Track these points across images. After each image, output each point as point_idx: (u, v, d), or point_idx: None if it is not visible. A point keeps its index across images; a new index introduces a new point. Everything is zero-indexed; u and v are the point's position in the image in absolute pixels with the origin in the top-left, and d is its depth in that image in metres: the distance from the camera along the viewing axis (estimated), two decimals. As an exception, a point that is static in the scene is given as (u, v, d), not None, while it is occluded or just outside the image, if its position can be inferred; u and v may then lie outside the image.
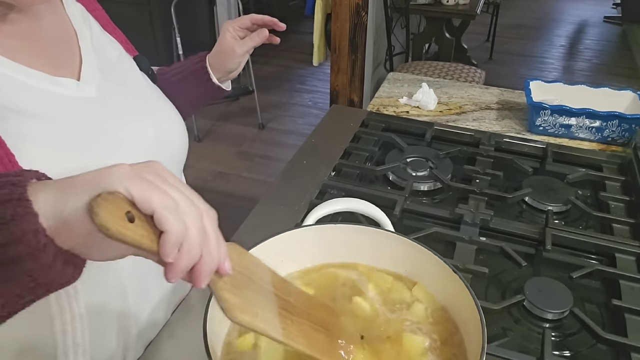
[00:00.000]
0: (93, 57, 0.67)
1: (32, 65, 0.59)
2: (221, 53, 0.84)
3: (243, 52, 0.83)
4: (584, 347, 0.68)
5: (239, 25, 0.83)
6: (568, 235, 0.83)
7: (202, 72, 0.85)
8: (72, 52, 0.66)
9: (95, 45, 0.69)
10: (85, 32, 0.68)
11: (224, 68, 0.85)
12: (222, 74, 0.86)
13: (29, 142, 0.54)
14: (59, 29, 0.66)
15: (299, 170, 1.01)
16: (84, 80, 0.64)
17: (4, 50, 0.57)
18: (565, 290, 0.72)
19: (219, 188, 2.68)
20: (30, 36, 0.60)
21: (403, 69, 2.79)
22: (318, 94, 3.73)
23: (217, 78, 0.86)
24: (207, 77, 0.85)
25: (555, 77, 4.09)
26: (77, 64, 0.65)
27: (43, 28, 0.63)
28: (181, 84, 0.87)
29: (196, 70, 0.86)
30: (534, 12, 5.61)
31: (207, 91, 0.88)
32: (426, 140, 1.12)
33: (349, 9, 2.25)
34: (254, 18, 0.83)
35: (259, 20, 0.83)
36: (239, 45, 0.82)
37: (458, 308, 0.56)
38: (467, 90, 1.38)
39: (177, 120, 0.76)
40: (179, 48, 3.01)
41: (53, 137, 0.56)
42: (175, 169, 0.76)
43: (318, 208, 0.75)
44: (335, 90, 2.46)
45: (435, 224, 0.86)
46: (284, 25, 0.84)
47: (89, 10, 0.73)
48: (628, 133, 1.11)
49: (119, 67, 0.71)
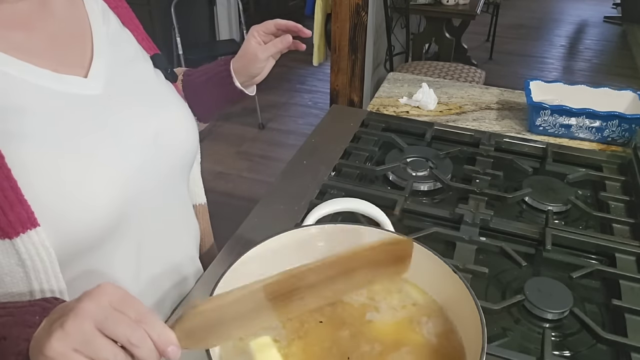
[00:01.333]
0: (105, 54, 0.67)
1: (37, 60, 0.59)
2: (244, 57, 0.84)
3: (265, 57, 0.83)
4: (584, 347, 0.68)
5: (263, 30, 0.83)
6: (568, 235, 0.83)
7: (226, 75, 0.86)
8: (84, 48, 0.66)
9: (111, 42, 0.69)
10: (101, 29, 0.68)
11: (247, 72, 0.85)
12: (246, 78, 0.86)
13: (24, 141, 0.54)
14: (72, 24, 0.66)
15: (299, 170, 1.01)
16: (91, 77, 0.64)
17: (8, 45, 0.57)
18: (565, 290, 0.72)
19: (219, 188, 2.68)
20: (39, 30, 0.61)
21: (403, 69, 2.79)
22: (318, 94, 3.73)
23: (241, 82, 0.86)
24: (230, 81, 0.85)
25: (555, 77, 4.09)
26: (87, 60, 0.65)
27: (55, 22, 0.63)
28: (205, 86, 0.88)
29: (220, 72, 0.86)
30: (534, 12, 5.61)
31: (229, 94, 0.87)
32: (426, 140, 1.12)
33: (349, 9, 2.25)
34: (279, 23, 0.83)
35: (283, 25, 0.82)
36: (262, 50, 0.82)
37: (458, 308, 0.56)
38: (467, 90, 1.38)
39: (186, 124, 0.75)
40: (179, 48, 3.01)
41: (48, 136, 0.56)
42: (178, 175, 0.75)
43: (318, 208, 0.75)
44: (335, 90, 2.46)
45: (435, 224, 0.86)
46: (309, 32, 0.84)
47: (111, 7, 0.73)
48: (628, 133, 1.11)
49: (132, 65, 0.71)
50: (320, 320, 0.57)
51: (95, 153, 0.60)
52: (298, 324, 0.56)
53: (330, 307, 0.58)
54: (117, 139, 0.63)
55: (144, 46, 0.76)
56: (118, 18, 0.73)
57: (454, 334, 0.55)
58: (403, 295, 0.60)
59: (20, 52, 0.58)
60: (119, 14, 0.74)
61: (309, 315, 0.57)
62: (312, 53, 3.02)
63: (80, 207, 0.56)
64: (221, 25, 3.71)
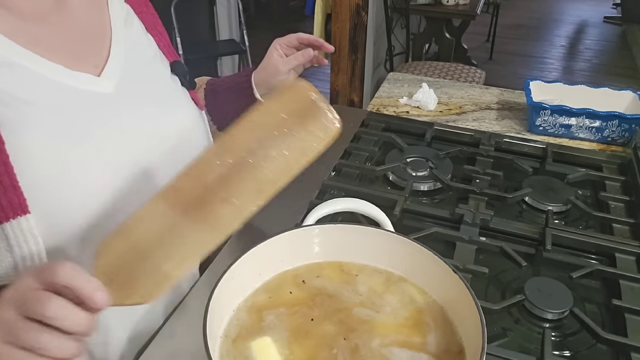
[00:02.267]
0: (122, 56, 0.67)
1: (52, 55, 0.59)
2: (266, 70, 0.85)
3: (287, 69, 0.83)
4: (584, 347, 0.68)
5: (286, 43, 0.84)
6: (568, 235, 0.83)
7: (247, 87, 0.86)
8: (101, 47, 0.66)
9: (129, 45, 0.69)
10: (122, 30, 0.69)
11: (268, 85, 0.85)
12: (267, 90, 0.86)
13: (28, 129, 0.55)
14: (92, 23, 0.67)
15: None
16: (104, 75, 0.64)
17: (25, 38, 0.58)
18: (565, 290, 0.72)
19: (219, 188, 2.67)
20: (56, 25, 0.62)
21: (403, 69, 2.79)
22: (318, 94, 3.72)
23: (261, 94, 0.86)
24: (251, 92, 0.86)
25: (555, 77, 4.09)
26: (103, 60, 0.65)
27: (73, 18, 0.64)
28: (226, 95, 0.89)
29: (241, 83, 0.87)
30: (534, 12, 5.61)
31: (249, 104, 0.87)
32: (426, 140, 1.12)
33: (349, 9, 2.25)
34: (301, 37, 0.84)
35: (305, 39, 0.83)
36: (283, 63, 0.83)
37: (458, 308, 0.56)
38: (467, 90, 1.38)
39: (196, 130, 0.75)
40: (179, 48, 3.02)
41: (54, 126, 0.57)
42: None
43: (318, 208, 0.75)
44: (335, 90, 2.46)
45: (435, 224, 0.86)
46: (331, 47, 0.85)
47: (136, 11, 0.74)
48: (628, 133, 1.11)
49: (148, 68, 0.72)
50: (320, 321, 0.57)
51: (102, 148, 0.60)
52: (298, 324, 0.56)
53: (330, 308, 0.58)
54: (124, 137, 0.63)
55: (165, 52, 0.76)
56: (142, 23, 0.74)
57: (454, 334, 0.55)
58: (403, 295, 0.60)
59: (37, 46, 0.59)
60: (143, 19, 0.74)
61: (309, 315, 0.57)
62: (312, 53, 3.01)
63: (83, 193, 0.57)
64: (221, 25, 3.71)
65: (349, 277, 0.62)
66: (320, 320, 0.56)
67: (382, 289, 0.61)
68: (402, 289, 0.61)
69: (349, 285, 0.61)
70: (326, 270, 0.63)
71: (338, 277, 0.63)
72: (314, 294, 0.60)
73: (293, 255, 0.62)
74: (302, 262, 0.63)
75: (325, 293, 0.60)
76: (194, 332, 0.64)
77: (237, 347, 0.53)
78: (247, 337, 0.54)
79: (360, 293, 0.60)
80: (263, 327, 0.55)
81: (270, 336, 0.54)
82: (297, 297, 0.59)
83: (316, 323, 0.56)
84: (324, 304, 0.58)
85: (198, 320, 0.49)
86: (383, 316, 0.58)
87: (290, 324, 0.56)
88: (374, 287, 0.61)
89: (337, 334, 0.55)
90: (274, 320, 0.56)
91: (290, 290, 0.60)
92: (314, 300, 0.58)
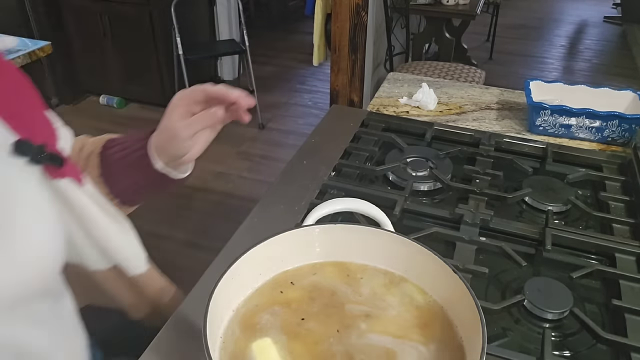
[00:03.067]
0: None
1: None
2: (164, 133, 0.65)
3: (188, 135, 0.63)
4: (584, 347, 0.68)
5: (191, 99, 0.64)
6: (568, 235, 0.83)
7: (142, 155, 0.67)
8: None
9: None
10: None
11: (169, 152, 0.66)
12: (169, 158, 0.67)
13: None
14: None
15: (299, 170, 1.01)
16: None
17: None
18: (565, 290, 0.72)
19: (219, 188, 2.67)
20: None
21: (403, 69, 2.79)
22: (318, 94, 3.73)
23: (165, 162, 0.68)
24: (148, 162, 0.67)
25: (555, 77, 4.09)
26: None
27: None
28: (121, 166, 0.70)
29: (136, 151, 0.68)
30: (534, 12, 5.61)
31: (150, 178, 0.69)
32: (426, 140, 1.12)
33: (349, 9, 2.25)
34: (208, 92, 0.63)
35: (214, 93, 0.63)
36: (184, 127, 0.63)
37: (458, 308, 0.56)
38: (467, 90, 1.38)
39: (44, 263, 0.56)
40: (179, 48, 3.02)
41: None
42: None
43: (318, 208, 0.75)
44: (335, 90, 2.46)
45: (435, 224, 0.86)
46: (251, 102, 0.66)
47: None
48: (628, 133, 1.11)
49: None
50: (320, 321, 0.57)
51: None
52: (298, 324, 0.56)
53: (330, 308, 0.58)
54: None
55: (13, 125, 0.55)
56: None
57: (454, 334, 0.55)
58: (403, 295, 0.60)
59: None
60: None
61: (309, 315, 0.57)
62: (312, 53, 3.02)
63: None
64: (221, 25, 3.71)
65: (349, 277, 0.62)
66: (321, 320, 0.56)
67: (383, 289, 0.61)
68: (403, 289, 0.61)
69: (349, 285, 0.61)
70: (326, 270, 0.63)
71: (338, 277, 0.63)
72: (314, 294, 0.60)
73: (293, 255, 0.62)
74: (302, 262, 0.63)
75: (325, 293, 0.60)
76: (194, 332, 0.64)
77: (237, 347, 0.53)
78: (247, 338, 0.54)
79: (360, 293, 0.60)
80: (263, 328, 0.55)
81: (271, 337, 0.54)
82: (298, 297, 0.59)
83: (316, 323, 0.56)
84: (324, 304, 0.58)
85: (198, 320, 0.49)
86: (383, 315, 0.58)
87: (290, 324, 0.56)
88: (374, 286, 0.61)
89: (337, 333, 0.55)
90: (274, 320, 0.56)
91: (291, 291, 0.60)
92: (314, 300, 0.58)
